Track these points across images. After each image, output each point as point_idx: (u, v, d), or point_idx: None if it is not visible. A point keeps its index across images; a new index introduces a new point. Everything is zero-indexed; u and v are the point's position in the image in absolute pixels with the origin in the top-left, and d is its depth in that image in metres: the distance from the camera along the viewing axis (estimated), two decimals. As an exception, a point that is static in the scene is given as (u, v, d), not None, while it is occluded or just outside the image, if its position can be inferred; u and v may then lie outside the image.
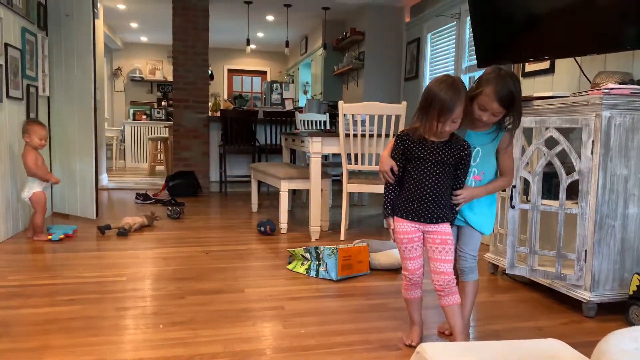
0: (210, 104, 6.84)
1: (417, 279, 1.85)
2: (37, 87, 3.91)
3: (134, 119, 9.50)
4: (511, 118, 1.77)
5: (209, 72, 6.52)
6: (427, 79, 5.81)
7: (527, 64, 3.50)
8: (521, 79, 3.65)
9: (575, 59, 2.75)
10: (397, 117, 3.38)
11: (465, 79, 5.12)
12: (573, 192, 2.24)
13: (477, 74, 4.87)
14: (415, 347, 1.87)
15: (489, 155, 1.83)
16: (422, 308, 1.91)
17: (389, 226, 1.86)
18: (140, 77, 9.89)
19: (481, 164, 1.83)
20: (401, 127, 3.39)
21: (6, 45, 3.31)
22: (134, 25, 8.27)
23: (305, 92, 9.17)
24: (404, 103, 3.38)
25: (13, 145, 3.50)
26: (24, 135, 3.41)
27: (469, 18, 4.08)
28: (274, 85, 8.06)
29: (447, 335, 1.96)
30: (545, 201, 2.37)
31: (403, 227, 1.80)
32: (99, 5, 5.98)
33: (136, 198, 5.21)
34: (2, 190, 3.34)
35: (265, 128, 5.97)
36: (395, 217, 1.82)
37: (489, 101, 1.70)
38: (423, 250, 1.84)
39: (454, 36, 5.18)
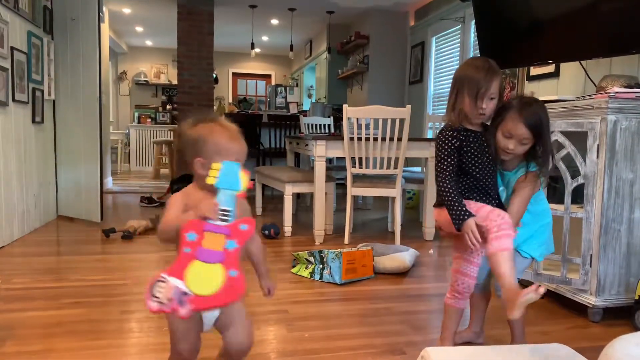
0: (214, 107, 6.85)
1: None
2: (42, 91, 3.93)
3: (139, 122, 9.52)
4: (540, 151, 1.62)
5: (214, 75, 6.54)
6: (431, 83, 5.81)
7: (532, 67, 3.50)
8: (526, 82, 3.65)
9: (580, 63, 2.74)
10: (402, 121, 3.38)
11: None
12: (578, 196, 2.23)
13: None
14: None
15: None
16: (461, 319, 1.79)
17: (469, 231, 1.56)
18: (145, 80, 9.92)
19: None
20: (405, 131, 3.38)
21: (12, 49, 3.33)
22: (139, 29, 8.31)
23: (310, 96, 9.18)
24: (409, 107, 3.38)
25: (19, 147, 3.51)
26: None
27: (473, 22, 4.08)
28: (279, 88, 8.07)
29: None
30: (550, 205, 2.36)
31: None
32: (104, 9, 6.01)
33: (141, 201, 5.23)
34: (8, 193, 3.35)
35: (270, 131, 5.98)
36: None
37: (514, 126, 1.59)
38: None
39: (459, 40, 5.18)
